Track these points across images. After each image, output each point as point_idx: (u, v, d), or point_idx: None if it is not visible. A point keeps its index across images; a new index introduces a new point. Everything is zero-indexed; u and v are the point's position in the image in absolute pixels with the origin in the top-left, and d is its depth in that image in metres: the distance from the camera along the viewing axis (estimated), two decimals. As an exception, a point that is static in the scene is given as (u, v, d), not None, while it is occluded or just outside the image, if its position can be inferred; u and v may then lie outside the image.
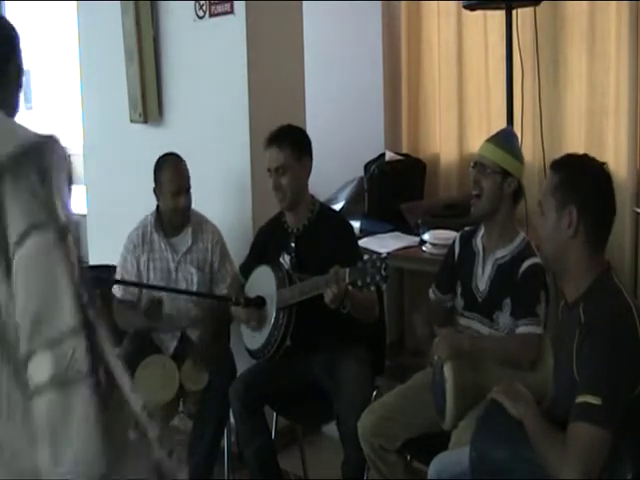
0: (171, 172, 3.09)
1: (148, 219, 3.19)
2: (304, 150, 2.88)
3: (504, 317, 2.48)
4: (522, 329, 2.40)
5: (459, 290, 2.63)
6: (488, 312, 2.51)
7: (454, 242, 2.71)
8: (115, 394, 1.19)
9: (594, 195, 1.90)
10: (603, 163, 1.96)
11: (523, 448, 1.87)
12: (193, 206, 3.19)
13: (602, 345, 1.77)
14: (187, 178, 3.14)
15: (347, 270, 2.47)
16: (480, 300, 2.55)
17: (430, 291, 2.76)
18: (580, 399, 1.77)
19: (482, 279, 2.55)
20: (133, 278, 3.14)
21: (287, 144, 2.83)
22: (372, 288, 2.52)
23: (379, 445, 2.50)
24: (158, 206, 3.17)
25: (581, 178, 1.92)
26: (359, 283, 2.44)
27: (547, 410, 1.95)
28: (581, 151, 3.78)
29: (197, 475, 2.99)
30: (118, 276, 3.18)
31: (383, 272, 2.38)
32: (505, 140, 2.54)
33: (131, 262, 3.15)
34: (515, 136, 2.62)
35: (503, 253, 2.52)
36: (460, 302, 2.62)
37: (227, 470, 3.16)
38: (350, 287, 2.50)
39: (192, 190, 3.17)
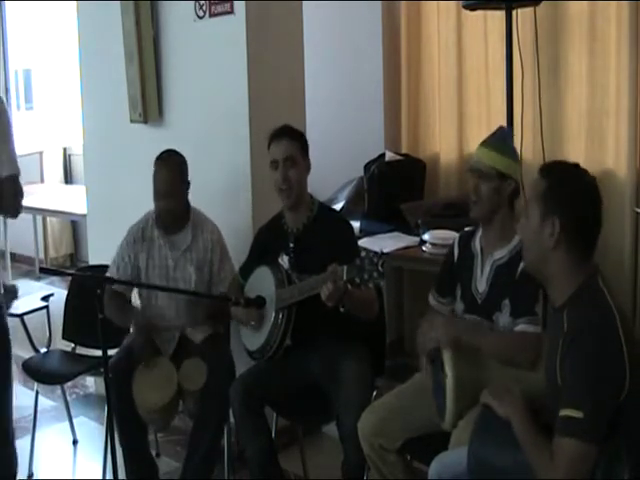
0: (158, 172, 3.07)
1: (150, 214, 3.18)
2: (307, 149, 2.91)
3: (504, 318, 2.47)
4: (521, 327, 2.40)
5: (459, 293, 2.62)
6: (488, 314, 2.51)
7: (453, 244, 2.71)
8: None
9: (579, 209, 1.87)
10: (593, 177, 1.93)
11: (520, 451, 1.87)
12: (193, 205, 3.19)
13: (583, 358, 1.76)
14: (176, 180, 3.08)
15: (344, 268, 2.47)
16: (480, 302, 2.54)
17: (430, 296, 2.75)
18: (562, 413, 1.77)
19: (481, 281, 2.55)
20: (128, 272, 3.14)
21: (295, 138, 2.87)
22: (370, 285, 2.52)
23: (379, 445, 2.49)
24: None
25: (568, 190, 1.88)
26: (357, 280, 2.43)
27: (545, 410, 1.95)
28: (581, 151, 3.83)
29: (197, 475, 2.98)
30: (113, 266, 3.17)
31: (380, 268, 2.38)
32: (500, 141, 2.52)
33: (128, 255, 3.15)
34: (509, 135, 2.60)
35: (501, 254, 2.51)
36: (460, 305, 2.61)
37: (227, 470, 3.16)
38: (349, 285, 2.51)
39: (192, 190, 3.16)
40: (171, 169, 3.09)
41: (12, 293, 2.51)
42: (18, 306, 4.10)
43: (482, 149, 2.52)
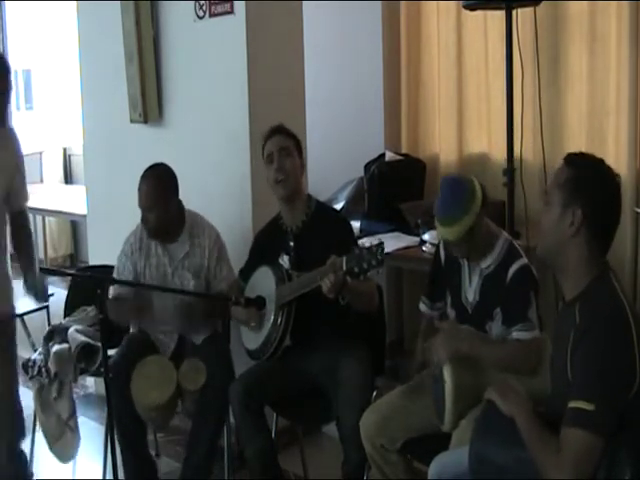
0: (140, 188, 3.05)
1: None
2: (300, 149, 2.94)
3: (496, 327, 2.47)
4: (515, 335, 2.39)
5: (449, 300, 2.62)
6: (480, 323, 2.50)
7: (438, 247, 2.70)
8: None
9: (602, 202, 1.88)
10: (617, 174, 1.94)
11: (521, 449, 1.87)
12: (192, 208, 3.18)
13: (595, 350, 1.77)
14: (157, 193, 3.02)
15: (344, 258, 2.47)
16: (470, 312, 2.54)
17: (421, 304, 2.74)
18: (573, 404, 1.76)
19: (470, 290, 2.54)
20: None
21: (290, 135, 2.91)
22: (369, 274, 2.52)
23: (380, 445, 2.50)
24: None
25: (593, 182, 1.89)
26: (356, 270, 2.44)
27: (546, 408, 1.95)
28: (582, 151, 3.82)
29: (196, 475, 2.98)
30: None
31: (379, 256, 2.38)
32: (450, 211, 2.42)
33: (128, 267, 3.14)
34: (455, 190, 2.46)
35: (487, 262, 2.49)
36: (451, 312, 2.61)
37: (227, 470, 3.15)
38: (348, 277, 2.51)
39: (192, 191, 3.15)
40: (152, 183, 3.05)
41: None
42: (18, 306, 4.10)
43: (443, 230, 2.45)
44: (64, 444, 3.20)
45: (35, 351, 3.50)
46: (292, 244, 2.91)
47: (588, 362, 1.77)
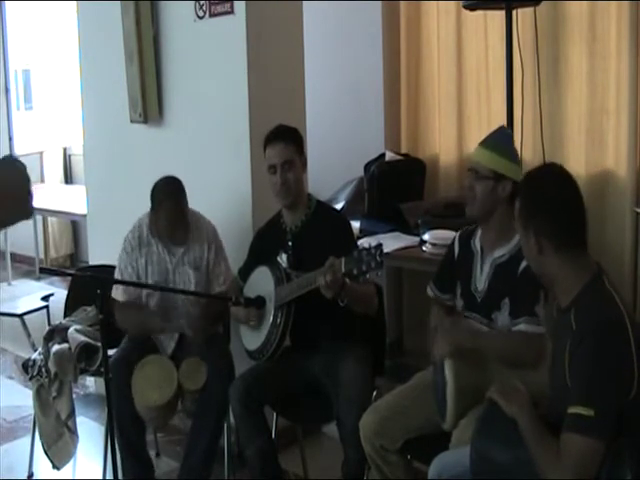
0: (163, 209, 3.03)
1: (144, 221, 3.17)
2: (302, 146, 2.93)
3: (503, 317, 2.47)
4: (520, 327, 2.40)
5: (459, 290, 2.62)
6: (487, 312, 2.50)
7: (453, 241, 2.71)
8: None
9: (547, 211, 1.94)
10: (560, 165, 2.02)
11: (523, 449, 1.87)
12: (192, 208, 3.18)
13: (593, 356, 1.78)
14: (180, 213, 3.06)
15: (342, 260, 2.47)
16: (479, 300, 2.54)
17: (428, 288, 2.75)
18: (572, 410, 1.77)
19: (481, 279, 2.55)
20: (134, 280, 3.14)
21: (290, 140, 2.87)
22: (368, 276, 2.52)
23: (380, 445, 2.50)
24: None
25: (531, 200, 1.98)
26: (355, 272, 2.43)
27: (546, 410, 1.95)
28: (581, 151, 3.83)
29: (195, 474, 2.98)
30: (118, 277, 3.17)
31: (378, 258, 2.38)
32: (499, 142, 2.51)
33: (130, 264, 3.14)
34: (509, 136, 2.59)
35: (501, 252, 2.51)
36: (460, 302, 2.61)
37: (227, 470, 3.16)
38: (347, 279, 2.50)
39: (191, 191, 3.15)
40: (172, 204, 3.05)
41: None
42: (18, 306, 4.11)
43: (479, 149, 2.52)
44: (62, 446, 3.19)
45: (35, 351, 3.50)
46: (291, 243, 2.91)
47: (586, 368, 1.78)
